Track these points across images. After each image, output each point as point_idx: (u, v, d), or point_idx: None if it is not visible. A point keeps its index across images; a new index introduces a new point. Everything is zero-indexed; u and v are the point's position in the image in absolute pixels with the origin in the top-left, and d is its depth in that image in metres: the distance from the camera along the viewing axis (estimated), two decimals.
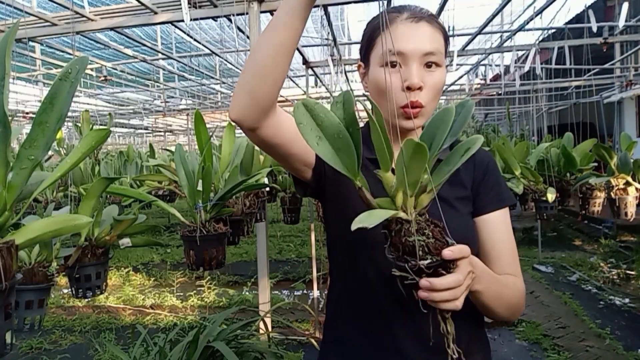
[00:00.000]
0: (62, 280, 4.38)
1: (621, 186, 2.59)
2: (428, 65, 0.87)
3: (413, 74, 0.85)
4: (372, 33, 0.93)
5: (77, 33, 3.02)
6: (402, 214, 0.71)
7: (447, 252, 0.67)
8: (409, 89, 0.85)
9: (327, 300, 1.07)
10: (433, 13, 0.92)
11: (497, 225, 0.95)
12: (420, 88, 0.86)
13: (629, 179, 2.57)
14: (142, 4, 2.72)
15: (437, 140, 0.71)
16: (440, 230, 0.70)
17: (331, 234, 1.04)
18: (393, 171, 0.73)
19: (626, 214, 2.57)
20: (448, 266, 0.68)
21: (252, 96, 0.77)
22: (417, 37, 0.86)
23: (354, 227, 0.63)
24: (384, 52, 0.87)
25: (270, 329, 2.46)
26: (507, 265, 0.94)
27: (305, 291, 5.00)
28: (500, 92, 8.68)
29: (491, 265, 0.94)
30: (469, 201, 0.96)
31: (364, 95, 0.96)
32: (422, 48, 0.86)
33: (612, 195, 2.60)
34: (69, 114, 0.91)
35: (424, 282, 0.66)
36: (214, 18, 2.71)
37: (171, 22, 2.91)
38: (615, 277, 4.88)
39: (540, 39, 4.89)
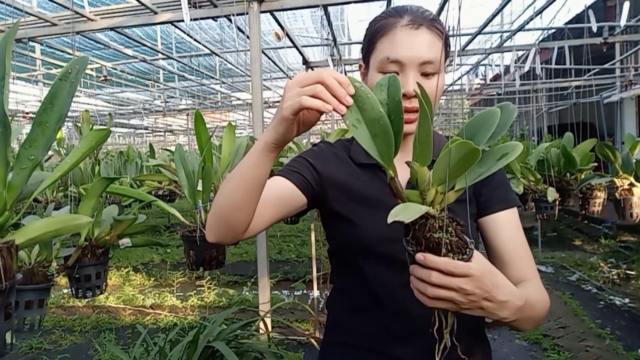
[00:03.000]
0: (62, 280, 4.38)
1: (626, 187, 2.57)
2: (425, 73, 0.88)
3: (409, 82, 0.86)
4: (372, 36, 0.93)
5: (77, 33, 3.02)
6: (431, 210, 0.68)
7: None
8: (405, 96, 0.86)
9: (328, 303, 1.06)
10: (435, 16, 0.91)
11: (505, 225, 0.93)
12: (416, 95, 0.86)
13: (632, 179, 2.55)
14: (142, 4, 2.72)
15: (476, 140, 0.67)
16: (462, 228, 0.69)
17: (332, 243, 1.04)
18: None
19: (631, 214, 2.54)
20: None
21: (227, 225, 0.80)
22: (415, 45, 0.87)
23: (390, 219, 0.61)
24: (382, 59, 0.88)
25: (270, 329, 2.46)
26: (523, 266, 0.91)
27: (305, 291, 5.00)
28: (500, 92, 8.68)
29: (506, 268, 0.91)
30: (471, 204, 0.95)
31: None
32: (419, 57, 0.87)
33: (617, 195, 2.57)
34: (69, 114, 0.91)
35: (419, 256, 0.64)
36: (214, 18, 2.71)
37: (171, 22, 2.92)
38: (615, 277, 4.87)
39: (540, 39, 4.89)
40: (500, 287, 0.68)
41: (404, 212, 0.62)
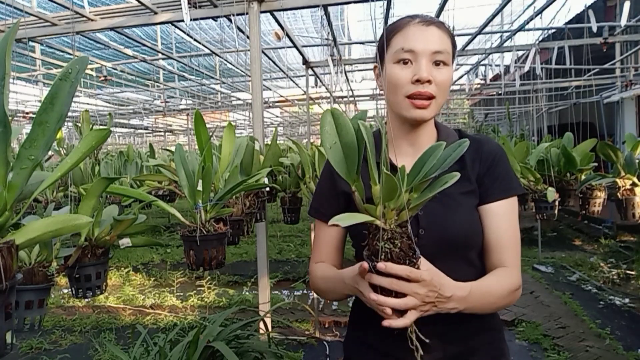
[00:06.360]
0: (62, 280, 4.38)
1: (628, 187, 2.56)
2: (436, 63, 0.96)
3: (422, 69, 0.94)
4: (387, 35, 1.01)
5: (77, 33, 3.02)
6: (378, 222, 0.78)
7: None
8: (418, 81, 0.94)
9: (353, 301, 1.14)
10: (442, 21, 1.01)
11: (499, 214, 1.00)
12: (429, 81, 0.94)
13: (635, 179, 2.54)
14: (142, 4, 2.72)
15: (424, 168, 0.80)
16: (409, 244, 0.78)
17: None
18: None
19: (634, 215, 2.53)
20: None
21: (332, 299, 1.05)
22: (427, 37, 0.96)
23: (330, 223, 0.73)
24: (398, 50, 0.96)
25: (270, 329, 2.46)
26: (504, 254, 0.98)
27: (305, 291, 5.00)
28: (500, 92, 8.67)
29: (489, 253, 1.00)
30: (474, 195, 1.01)
31: (368, 95, 1.03)
32: (431, 47, 0.95)
33: (619, 196, 2.56)
34: (69, 114, 0.91)
35: (381, 264, 0.76)
36: (214, 18, 2.71)
37: (171, 22, 2.92)
38: (615, 277, 4.87)
39: (540, 39, 4.88)
40: (445, 285, 0.81)
41: (344, 219, 0.73)
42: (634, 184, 2.55)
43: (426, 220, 0.96)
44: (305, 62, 4.36)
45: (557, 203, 2.77)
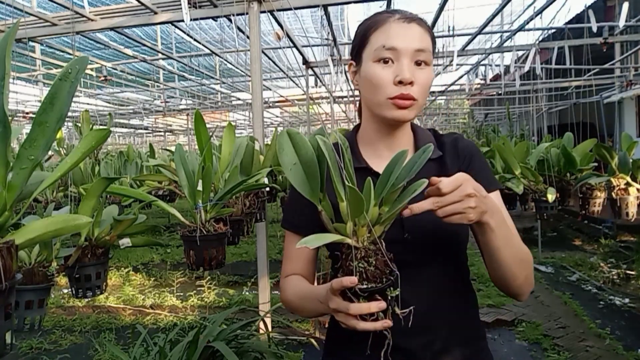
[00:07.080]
0: (62, 280, 4.38)
1: (622, 186, 2.58)
2: (418, 63, 0.91)
3: (404, 69, 0.89)
4: (365, 31, 0.96)
5: (77, 33, 3.02)
6: (349, 241, 0.74)
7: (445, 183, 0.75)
8: (401, 82, 0.89)
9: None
10: (422, 18, 0.97)
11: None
12: (411, 83, 0.89)
13: (629, 179, 2.56)
14: (142, 4, 2.72)
15: (391, 178, 0.77)
16: (385, 260, 0.74)
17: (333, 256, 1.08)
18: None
19: (627, 214, 2.57)
20: (385, 294, 0.73)
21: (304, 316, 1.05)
22: (409, 35, 0.91)
23: (297, 245, 0.68)
24: (378, 48, 0.91)
25: (270, 329, 2.46)
26: None
27: None
28: (500, 92, 8.68)
29: None
30: None
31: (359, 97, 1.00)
32: (413, 45, 0.90)
33: (614, 195, 2.60)
34: (69, 114, 0.91)
35: (406, 211, 0.76)
36: (214, 18, 2.71)
37: (171, 22, 2.92)
38: (615, 277, 4.87)
39: (540, 39, 4.89)
40: (476, 183, 0.78)
41: (312, 241, 0.69)
42: (628, 184, 2.57)
43: (411, 224, 0.90)
44: (305, 62, 4.36)
45: (557, 203, 2.78)
